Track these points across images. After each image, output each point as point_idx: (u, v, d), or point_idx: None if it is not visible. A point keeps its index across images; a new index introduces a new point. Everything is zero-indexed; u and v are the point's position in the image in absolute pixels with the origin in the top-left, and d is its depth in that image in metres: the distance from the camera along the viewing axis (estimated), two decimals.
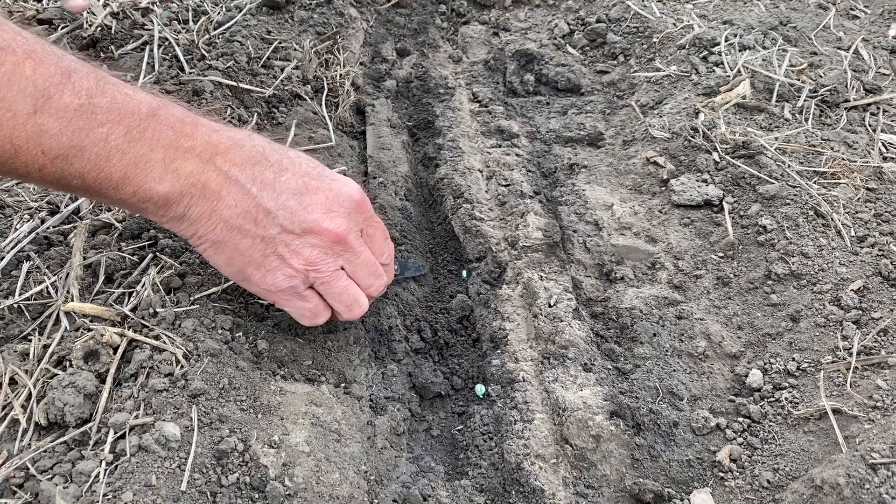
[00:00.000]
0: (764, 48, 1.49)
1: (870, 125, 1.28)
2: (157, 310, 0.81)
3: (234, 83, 1.32)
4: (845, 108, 1.32)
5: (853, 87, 1.37)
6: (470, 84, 1.57)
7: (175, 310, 0.82)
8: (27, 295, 0.86)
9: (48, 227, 0.98)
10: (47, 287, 0.87)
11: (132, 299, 0.84)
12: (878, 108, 1.32)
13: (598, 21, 1.61)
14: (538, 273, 1.04)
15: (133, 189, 0.67)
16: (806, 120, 1.27)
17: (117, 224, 0.98)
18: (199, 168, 0.69)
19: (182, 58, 1.39)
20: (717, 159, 1.16)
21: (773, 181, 1.08)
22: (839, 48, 1.55)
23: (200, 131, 0.70)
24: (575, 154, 1.34)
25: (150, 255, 0.92)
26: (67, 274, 0.88)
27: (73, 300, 0.83)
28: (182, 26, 1.54)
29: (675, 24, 1.53)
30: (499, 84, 1.58)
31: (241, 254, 0.73)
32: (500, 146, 1.38)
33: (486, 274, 1.10)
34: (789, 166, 1.11)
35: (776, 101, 1.32)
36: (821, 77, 1.37)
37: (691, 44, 1.45)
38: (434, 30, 1.74)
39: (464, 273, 1.13)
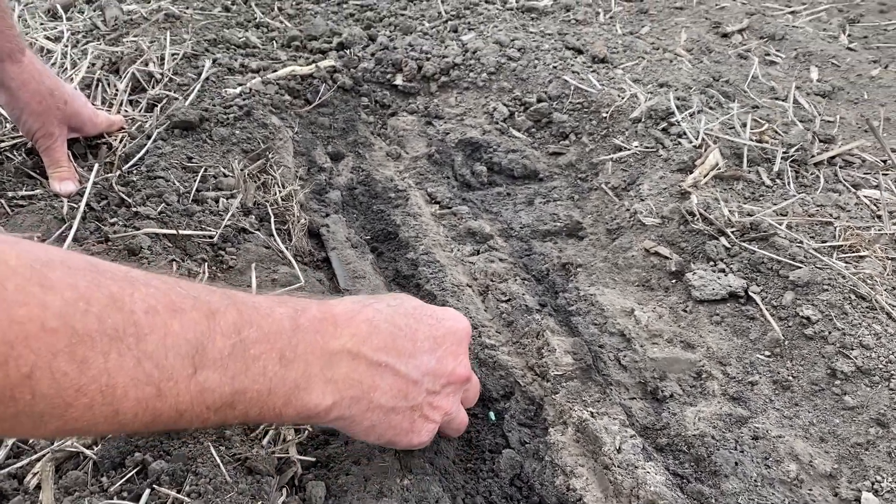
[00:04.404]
0: (710, 109, 1.47)
1: (845, 180, 1.27)
2: None
3: (174, 231, 1.13)
4: (813, 164, 1.31)
5: (808, 140, 1.37)
6: (420, 183, 1.45)
7: None
8: None
9: None
10: None
11: None
12: (845, 161, 1.32)
13: (538, 101, 1.54)
14: (587, 409, 0.93)
15: (296, 410, 0.67)
16: (787, 184, 1.24)
17: (88, 452, 0.78)
18: (351, 367, 0.70)
19: (97, 205, 1.19)
20: (728, 245, 1.10)
21: (798, 265, 1.02)
22: (776, 98, 1.56)
23: (341, 324, 0.71)
24: (560, 250, 1.25)
25: (147, 491, 0.73)
26: None
27: None
28: (83, 163, 1.33)
29: (619, 96, 1.49)
30: (450, 178, 1.47)
31: (393, 427, 0.75)
32: (478, 252, 1.26)
33: (521, 414, 0.97)
34: (804, 244, 1.06)
35: (748, 167, 1.29)
36: (782, 135, 1.35)
37: (646, 116, 1.41)
38: (362, 126, 1.61)
39: (491, 415, 0.99)
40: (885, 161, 1.30)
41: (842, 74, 1.67)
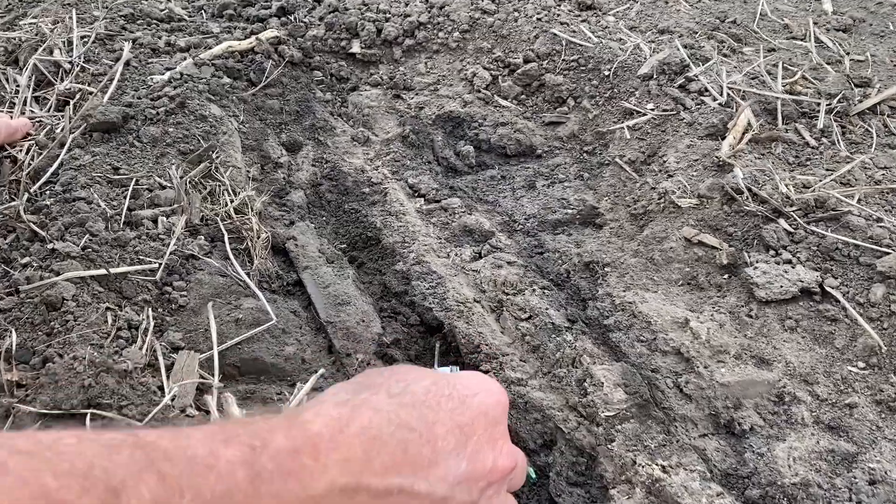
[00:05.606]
0: (725, 56, 1.26)
1: None
2: None
3: (105, 270, 0.89)
4: (856, 114, 1.13)
5: (848, 87, 1.18)
6: (397, 172, 1.22)
7: None
8: None
9: None
10: None
11: None
12: (891, 109, 1.14)
13: (525, 61, 1.32)
14: (654, 461, 0.74)
15: None
16: (835, 142, 1.05)
17: None
18: None
19: (3, 242, 0.94)
20: (790, 228, 0.91)
21: (886, 249, 0.84)
22: (793, 38, 1.36)
23: (324, 449, 0.51)
24: (577, 244, 1.05)
25: None
26: None
27: None
28: None
29: (620, 49, 1.27)
30: (431, 164, 1.25)
31: None
32: (480, 255, 1.05)
33: (568, 470, 0.78)
34: (885, 222, 0.88)
35: (784, 125, 1.10)
36: (816, 83, 1.16)
37: (658, 71, 1.20)
38: (319, 106, 1.37)
39: (531, 472, 0.79)
40: None
41: (859, 3, 1.48)
